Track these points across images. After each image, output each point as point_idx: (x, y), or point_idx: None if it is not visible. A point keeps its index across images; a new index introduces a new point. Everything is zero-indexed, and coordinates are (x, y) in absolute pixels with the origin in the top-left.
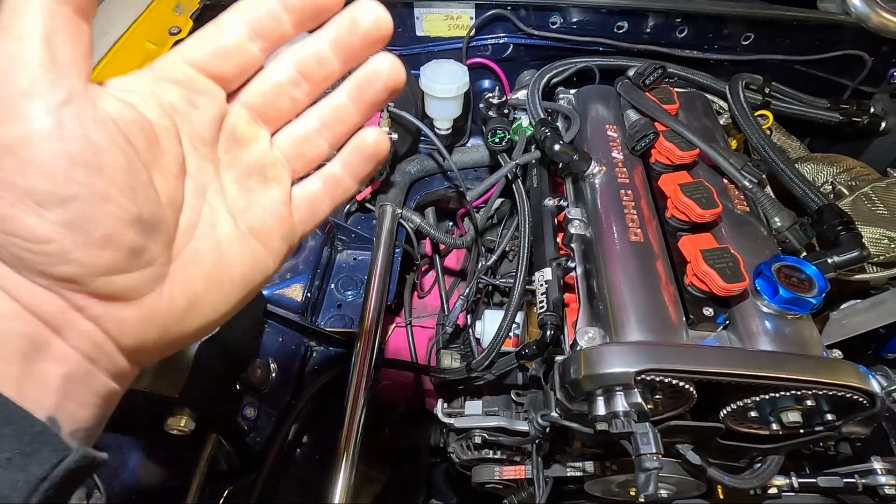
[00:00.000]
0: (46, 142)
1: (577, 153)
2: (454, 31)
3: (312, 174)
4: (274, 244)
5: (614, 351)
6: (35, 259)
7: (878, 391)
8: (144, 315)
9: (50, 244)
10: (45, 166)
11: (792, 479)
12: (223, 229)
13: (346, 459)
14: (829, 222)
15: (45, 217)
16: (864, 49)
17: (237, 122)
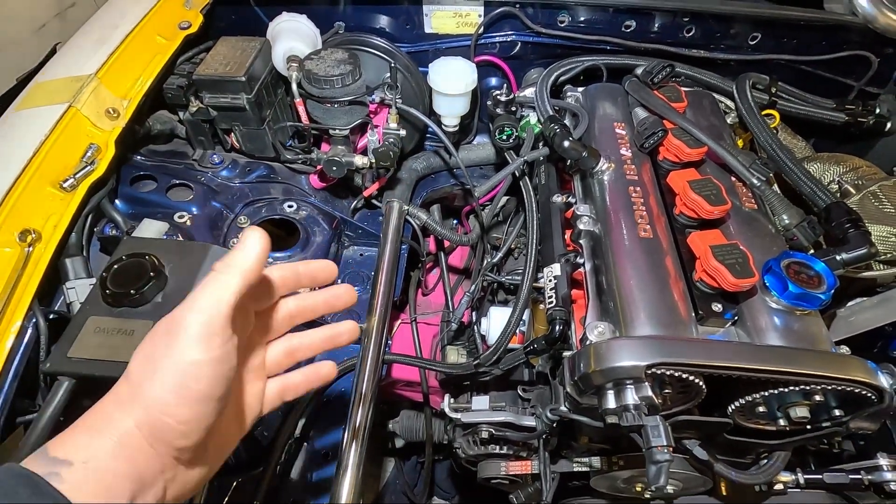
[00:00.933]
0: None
1: (586, 149)
2: (462, 28)
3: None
4: (250, 420)
5: (624, 345)
6: (169, 432)
7: (887, 387)
8: (191, 475)
9: (187, 425)
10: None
11: (798, 475)
12: (228, 413)
13: (354, 454)
14: (837, 220)
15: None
16: (870, 50)
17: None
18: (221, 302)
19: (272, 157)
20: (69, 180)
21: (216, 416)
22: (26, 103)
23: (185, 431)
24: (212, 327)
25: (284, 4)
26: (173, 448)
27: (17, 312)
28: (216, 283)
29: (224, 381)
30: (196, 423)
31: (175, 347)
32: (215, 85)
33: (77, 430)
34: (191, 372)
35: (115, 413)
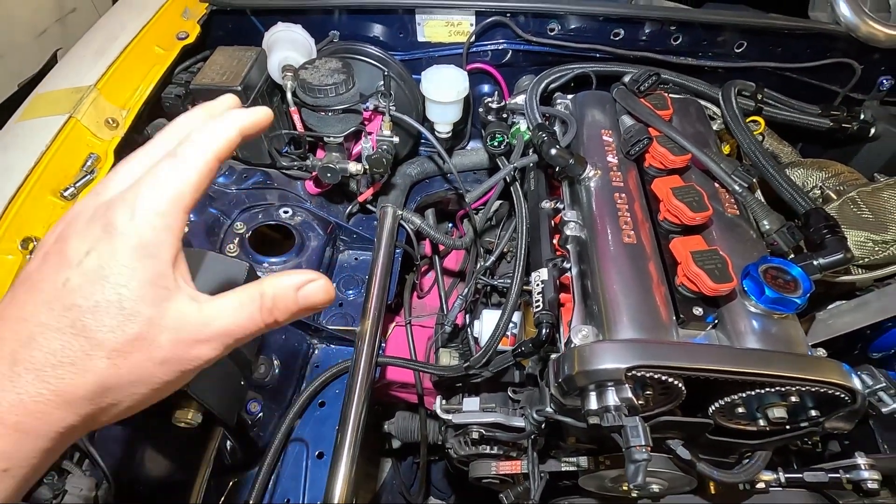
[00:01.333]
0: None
1: (572, 157)
2: (454, 37)
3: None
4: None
5: (606, 348)
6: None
7: (860, 388)
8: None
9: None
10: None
11: (779, 474)
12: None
13: (348, 455)
14: (815, 225)
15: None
16: (853, 57)
17: None
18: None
19: (268, 163)
20: (70, 189)
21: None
22: (28, 114)
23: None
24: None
25: (280, 14)
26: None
27: None
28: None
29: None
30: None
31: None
32: (212, 94)
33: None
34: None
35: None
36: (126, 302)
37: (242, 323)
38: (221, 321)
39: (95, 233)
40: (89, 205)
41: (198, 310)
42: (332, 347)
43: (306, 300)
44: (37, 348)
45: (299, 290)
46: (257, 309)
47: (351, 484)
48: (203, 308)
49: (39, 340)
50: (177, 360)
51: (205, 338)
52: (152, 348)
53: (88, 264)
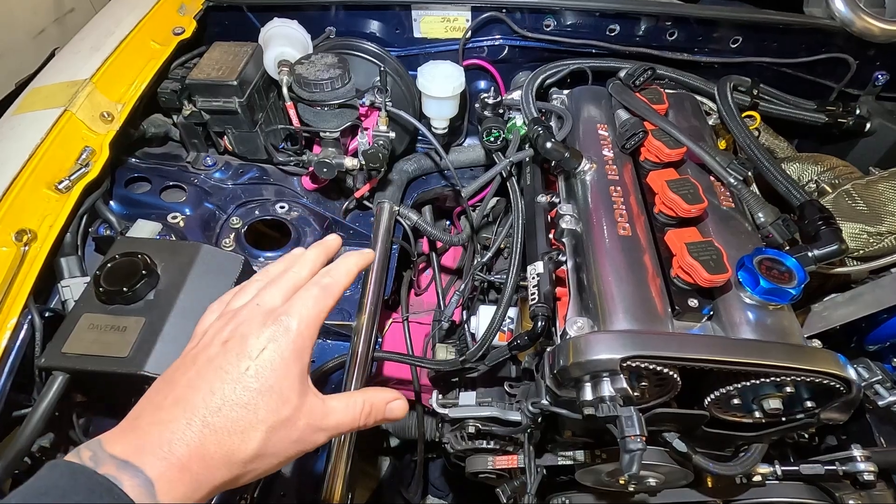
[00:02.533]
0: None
1: (568, 151)
2: (451, 33)
3: None
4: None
5: (601, 339)
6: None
7: (855, 378)
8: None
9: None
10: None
11: (776, 467)
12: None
13: (344, 451)
14: (810, 217)
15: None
16: (848, 52)
17: None
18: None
19: (264, 159)
20: (64, 182)
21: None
22: (23, 108)
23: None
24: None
25: (277, 10)
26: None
27: (13, 310)
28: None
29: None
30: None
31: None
32: (208, 89)
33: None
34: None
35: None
36: (285, 391)
37: (348, 420)
38: (335, 416)
39: (275, 333)
40: (255, 312)
41: (322, 404)
42: (328, 342)
43: (391, 412)
44: (222, 417)
45: (388, 404)
46: (359, 412)
47: (347, 480)
48: (325, 403)
49: (225, 411)
50: (303, 441)
51: (324, 427)
52: (292, 430)
53: (265, 357)
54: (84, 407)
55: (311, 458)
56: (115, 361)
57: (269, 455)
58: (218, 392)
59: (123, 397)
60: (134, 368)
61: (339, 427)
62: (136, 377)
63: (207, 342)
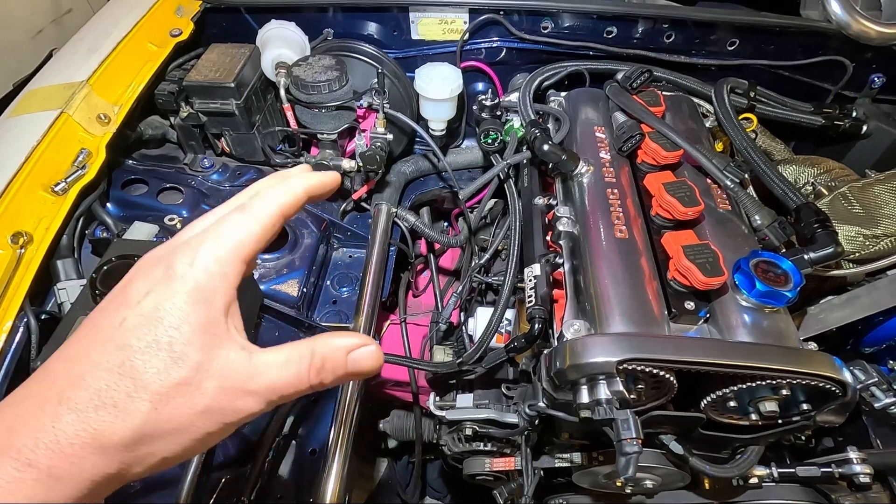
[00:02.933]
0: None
1: (565, 153)
2: (448, 35)
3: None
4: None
5: (597, 341)
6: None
7: (851, 381)
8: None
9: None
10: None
11: (772, 469)
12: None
13: (340, 453)
14: (806, 220)
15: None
16: (845, 55)
17: None
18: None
19: (262, 161)
20: (61, 184)
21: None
22: (19, 109)
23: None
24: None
25: (274, 12)
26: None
27: (9, 312)
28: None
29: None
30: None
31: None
32: (205, 91)
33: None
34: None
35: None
36: (176, 345)
37: (289, 379)
38: (269, 375)
39: (157, 275)
40: (159, 251)
41: (247, 360)
42: None
43: (355, 364)
44: (83, 388)
45: (350, 352)
46: (306, 367)
47: (344, 481)
48: (252, 358)
49: (87, 380)
50: (219, 410)
51: (250, 390)
52: (196, 395)
53: (146, 305)
54: None
55: (308, 459)
56: None
57: (168, 433)
58: (82, 357)
59: None
60: None
61: (276, 387)
62: None
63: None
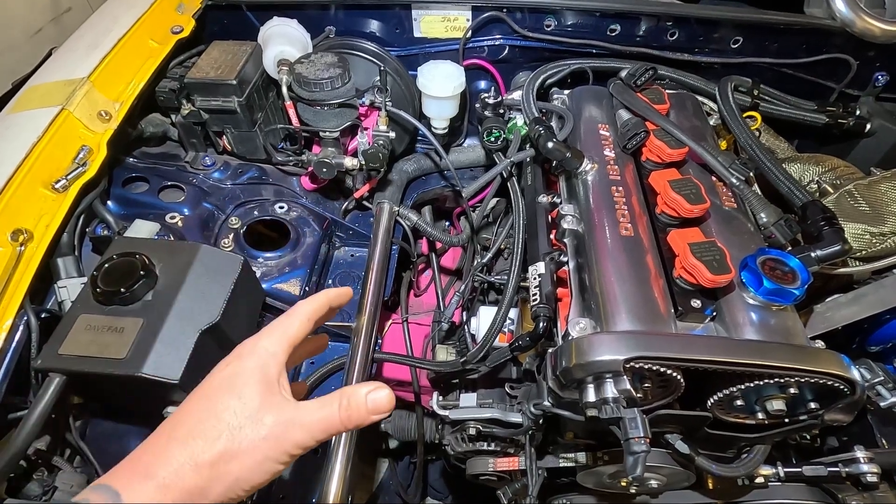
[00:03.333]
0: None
1: (569, 151)
2: (451, 32)
3: None
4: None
5: (604, 340)
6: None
7: (858, 379)
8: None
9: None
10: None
11: (778, 468)
12: None
13: (343, 453)
14: (812, 218)
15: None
16: (849, 53)
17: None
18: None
19: (263, 158)
20: (61, 181)
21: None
22: (19, 106)
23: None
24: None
25: (276, 9)
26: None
27: (9, 311)
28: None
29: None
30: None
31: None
32: (206, 88)
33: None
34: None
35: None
36: (245, 395)
37: (325, 416)
38: (310, 412)
39: (232, 357)
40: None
41: (294, 404)
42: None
43: (374, 403)
44: (186, 427)
45: (368, 394)
46: (336, 407)
47: (347, 482)
48: (298, 404)
49: (188, 422)
50: (275, 437)
51: (298, 423)
52: (259, 426)
53: (226, 372)
54: (81, 409)
55: (311, 460)
56: (113, 363)
57: (240, 455)
58: (184, 408)
59: (121, 399)
60: (132, 370)
61: (315, 422)
62: (134, 379)
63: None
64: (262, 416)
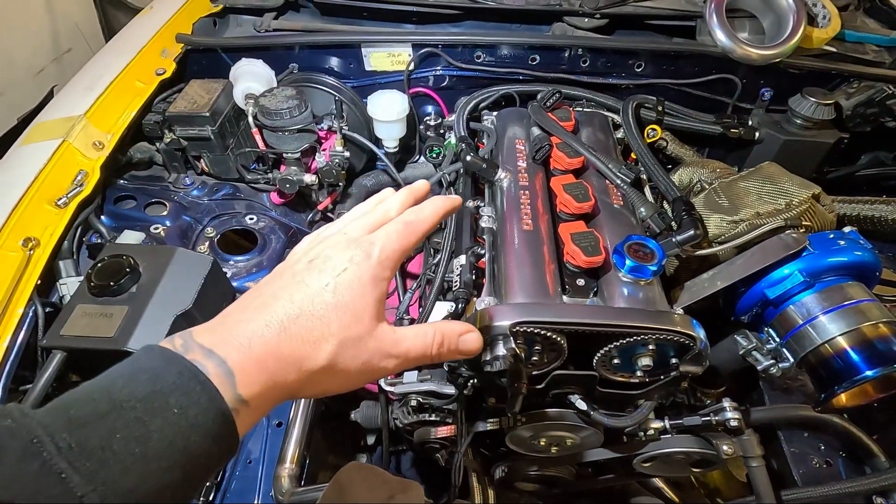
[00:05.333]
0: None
1: (485, 163)
2: (396, 66)
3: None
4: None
5: (497, 310)
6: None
7: (700, 334)
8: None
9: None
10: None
11: (665, 421)
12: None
13: (300, 420)
14: (677, 210)
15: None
16: (735, 73)
17: None
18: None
19: (237, 178)
20: (62, 199)
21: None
22: (28, 139)
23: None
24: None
25: (246, 51)
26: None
27: (20, 301)
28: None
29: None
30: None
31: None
32: (185, 120)
33: (254, 370)
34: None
35: (289, 375)
36: (359, 310)
37: (419, 348)
38: (406, 343)
39: (355, 256)
40: (340, 238)
41: (393, 332)
42: None
43: (464, 344)
44: (298, 325)
45: (461, 335)
46: (430, 341)
47: (302, 445)
48: (396, 331)
49: (301, 321)
50: (371, 365)
51: (394, 353)
52: (362, 349)
53: (344, 276)
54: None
55: (273, 430)
56: (103, 341)
57: (337, 371)
58: (297, 302)
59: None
60: (118, 346)
61: (409, 354)
62: (119, 353)
63: (296, 260)
64: (368, 340)
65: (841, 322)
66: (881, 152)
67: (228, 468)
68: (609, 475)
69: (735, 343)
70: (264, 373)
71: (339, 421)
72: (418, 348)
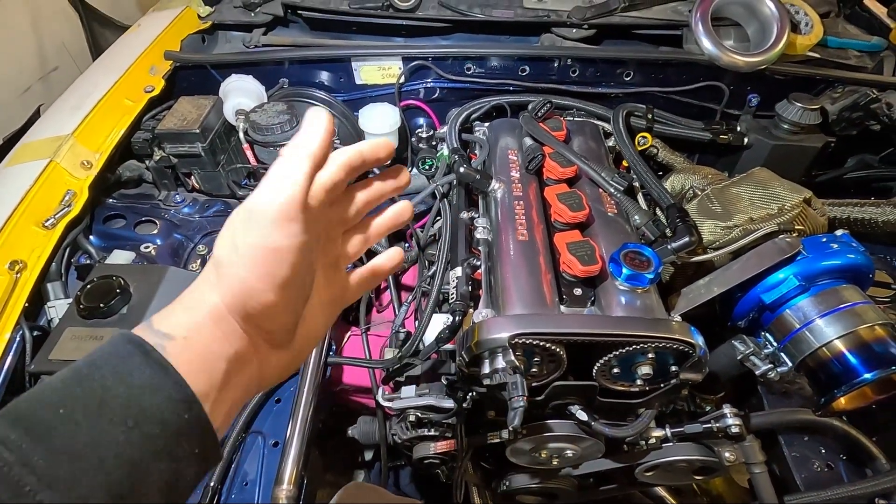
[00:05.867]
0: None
1: (479, 174)
2: (387, 79)
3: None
4: (336, 309)
5: (495, 322)
6: (256, 314)
7: (699, 342)
8: (281, 359)
9: (273, 308)
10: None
11: (667, 430)
12: (314, 302)
13: (297, 440)
14: (671, 217)
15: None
16: (722, 81)
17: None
18: (295, 184)
19: (228, 194)
20: (50, 220)
21: (301, 302)
22: (15, 160)
23: (271, 314)
24: (288, 211)
25: (235, 67)
26: (262, 329)
27: (7, 326)
28: (285, 166)
29: (306, 268)
30: (282, 306)
31: (255, 232)
32: (174, 137)
33: (175, 309)
34: (273, 258)
35: (206, 293)
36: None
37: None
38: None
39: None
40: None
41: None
42: None
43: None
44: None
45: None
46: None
47: (300, 465)
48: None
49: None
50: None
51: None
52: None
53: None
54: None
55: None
56: None
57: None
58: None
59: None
60: None
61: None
62: None
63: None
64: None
65: (838, 325)
66: (867, 155)
67: (224, 491)
68: (611, 485)
69: (733, 348)
70: (181, 305)
71: (337, 439)
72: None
